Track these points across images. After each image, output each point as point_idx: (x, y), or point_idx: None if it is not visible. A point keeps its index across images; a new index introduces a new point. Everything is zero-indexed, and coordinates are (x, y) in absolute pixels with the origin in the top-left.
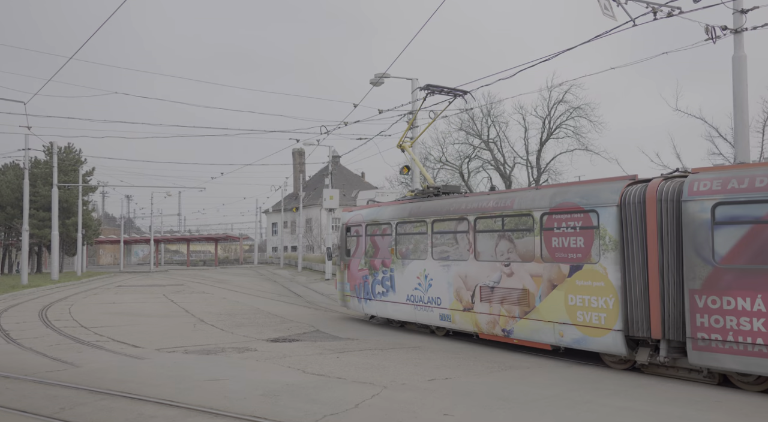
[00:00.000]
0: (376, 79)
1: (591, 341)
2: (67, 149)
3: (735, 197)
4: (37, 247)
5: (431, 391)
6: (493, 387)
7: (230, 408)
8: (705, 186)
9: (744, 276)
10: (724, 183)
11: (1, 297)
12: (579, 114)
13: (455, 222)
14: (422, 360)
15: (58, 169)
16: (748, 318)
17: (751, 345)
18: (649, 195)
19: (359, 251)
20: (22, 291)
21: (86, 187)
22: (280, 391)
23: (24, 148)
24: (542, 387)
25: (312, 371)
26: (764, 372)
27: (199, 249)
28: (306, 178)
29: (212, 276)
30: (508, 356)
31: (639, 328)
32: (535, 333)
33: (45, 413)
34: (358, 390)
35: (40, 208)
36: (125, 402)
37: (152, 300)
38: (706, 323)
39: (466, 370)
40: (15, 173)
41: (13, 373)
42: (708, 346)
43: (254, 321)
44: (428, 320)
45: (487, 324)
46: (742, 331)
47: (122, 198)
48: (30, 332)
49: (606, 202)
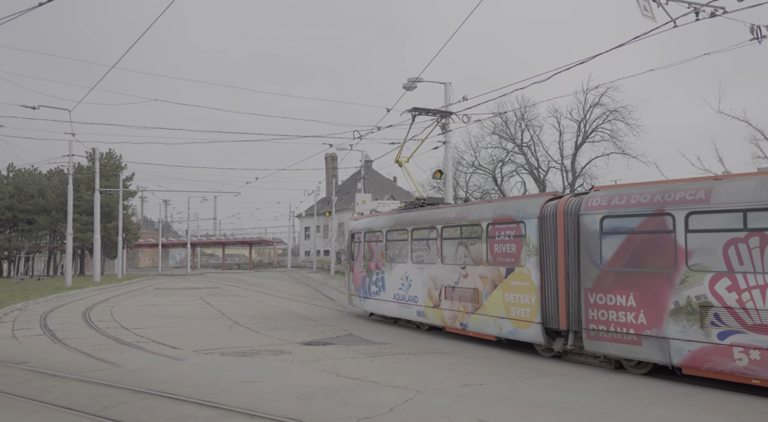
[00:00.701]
0: (409, 84)
1: (520, 332)
2: (108, 155)
3: (616, 211)
4: (80, 250)
5: (465, 397)
6: (528, 394)
7: (266, 409)
8: (596, 202)
9: (622, 277)
10: (609, 199)
11: (48, 299)
12: (616, 117)
13: (428, 230)
14: (456, 365)
15: (99, 175)
16: (624, 312)
17: (625, 334)
18: (559, 209)
19: (360, 255)
20: (67, 293)
21: (126, 192)
22: (314, 394)
23: (68, 154)
24: (578, 395)
25: (346, 374)
26: (635, 357)
27: (233, 253)
28: (338, 183)
29: (246, 280)
30: (542, 363)
31: (552, 321)
32: (483, 326)
33: (89, 411)
34: (392, 395)
35: (83, 213)
36: (165, 401)
37: (189, 303)
38: (595, 316)
39: (500, 376)
40: (59, 179)
41: (60, 372)
42: (597, 335)
43: (288, 325)
44: (409, 316)
45: (450, 318)
46: (620, 323)
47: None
48: (74, 332)
49: (530, 214)
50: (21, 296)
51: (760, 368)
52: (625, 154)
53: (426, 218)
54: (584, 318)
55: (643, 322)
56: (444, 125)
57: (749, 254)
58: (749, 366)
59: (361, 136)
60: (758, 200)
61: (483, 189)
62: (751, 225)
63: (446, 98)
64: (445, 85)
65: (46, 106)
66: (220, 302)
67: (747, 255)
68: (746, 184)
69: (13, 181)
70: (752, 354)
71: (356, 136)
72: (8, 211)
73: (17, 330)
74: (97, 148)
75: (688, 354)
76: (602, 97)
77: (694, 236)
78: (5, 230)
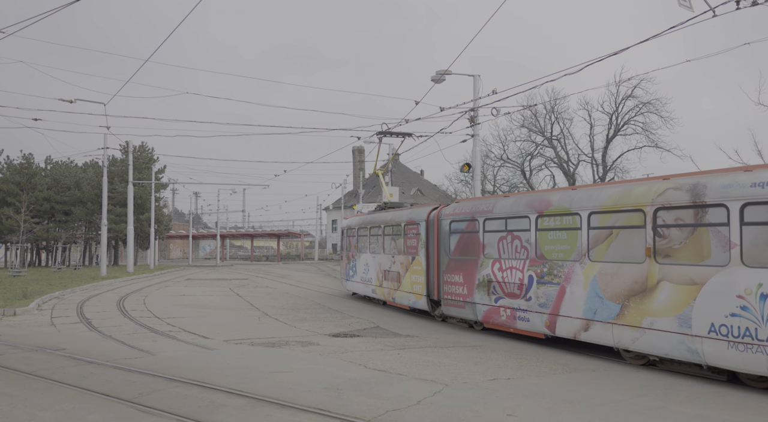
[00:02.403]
0: (437, 77)
1: (418, 303)
2: (141, 148)
3: (455, 217)
4: (114, 241)
5: (493, 391)
6: (557, 390)
7: (295, 399)
8: (449, 211)
9: (458, 262)
10: (454, 209)
11: (84, 288)
12: (649, 109)
13: (377, 228)
14: (483, 359)
15: (132, 167)
16: (457, 286)
17: (459, 301)
18: (434, 215)
19: (346, 248)
20: (101, 283)
21: (158, 184)
22: (343, 385)
23: (103, 147)
24: (609, 391)
25: (373, 366)
26: (462, 317)
27: (261, 245)
28: (365, 176)
29: (274, 272)
30: (572, 358)
31: (432, 295)
32: (402, 299)
33: (125, 397)
34: (420, 387)
35: (117, 204)
36: (197, 390)
37: (219, 294)
38: (446, 290)
39: (528, 371)
40: (94, 171)
41: (96, 359)
42: (447, 303)
43: (316, 316)
44: (367, 292)
45: (387, 294)
46: (456, 293)
47: (191, 195)
48: (109, 321)
49: (422, 219)
50: (59, 285)
51: (510, 321)
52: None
53: (377, 220)
54: (442, 292)
55: (465, 293)
56: (472, 118)
57: (509, 245)
58: (506, 320)
59: (389, 129)
60: (514, 211)
61: (511, 182)
62: (510, 227)
63: (475, 91)
64: (473, 78)
65: (82, 100)
66: (249, 293)
67: (506, 246)
68: (508, 201)
69: (51, 174)
70: (507, 312)
71: (384, 129)
72: (46, 203)
73: (55, 317)
74: (130, 141)
75: (483, 313)
76: (635, 89)
77: (487, 235)
78: (43, 221)
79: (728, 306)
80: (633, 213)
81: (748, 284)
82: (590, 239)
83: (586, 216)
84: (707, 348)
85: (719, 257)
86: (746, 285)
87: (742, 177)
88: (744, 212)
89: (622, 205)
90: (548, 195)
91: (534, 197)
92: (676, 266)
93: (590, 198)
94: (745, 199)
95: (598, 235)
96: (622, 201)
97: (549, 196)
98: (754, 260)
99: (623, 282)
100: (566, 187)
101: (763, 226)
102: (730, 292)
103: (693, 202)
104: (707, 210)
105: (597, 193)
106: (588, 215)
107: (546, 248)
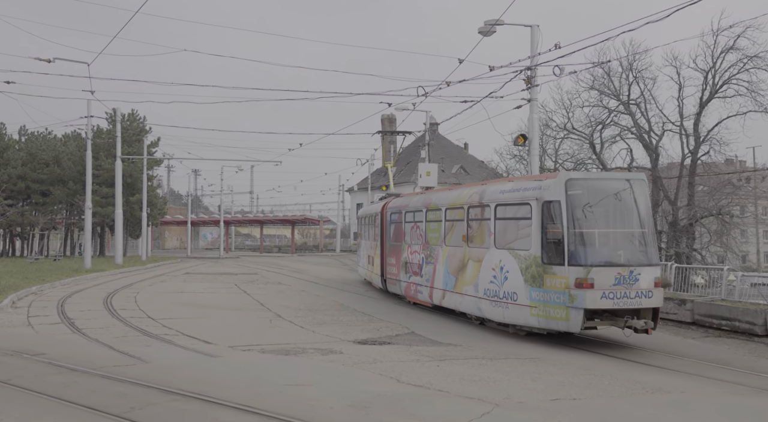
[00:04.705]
0: (486, 28)
1: (376, 281)
2: (131, 116)
3: (393, 210)
4: (100, 228)
5: (555, 413)
6: (637, 415)
7: (315, 418)
8: (392, 204)
9: (394, 247)
10: (394, 203)
11: (65, 282)
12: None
13: (368, 219)
14: (542, 374)
15: (120, 139)
16: (393, 267)
17: (394, 280)
18: (384, 206)
19: (360, 234)
20: (85, 276)
21: (151, 160)
22: (371, 402)
23: (86, 116)
24: (703, 418)
25: (408, 380)
26: (394, 291)
27: (273, 234)
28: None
29: (288, 265)
30: (653, 375)
31: (383, 273)
32: (372, 279)
33: (114, 412)
34: (465, 407)
35: (103, 184)
36: (198, 404)
37: (223, 291)
38: (388, 271)
39: (599, 390)
40: (77, 144)
41: (80, 366)
42: (390, 282)
43: (338, 319)
44: (363, 275)
45: (368, 275)
46: (393, 273)
47: (189, 172)
48: (95, 322)
49: (379, 210)
50: (36, 279)
51: (415, 294)
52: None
53: (368, 211)
54: (386, 272)
55: (397, 272)
56: (529, 79)
57: (415, 234)
58: (414, 293)
59: (426, 93)
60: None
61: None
62: (416, 219)
63: (532, 45)
64: (531, 29)
65: (62, 59)
66: (258, 291)
67: (414, 234)
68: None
69: (25, 147)
70: (413, 287)
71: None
72: (21, 181)
73: (32, 316)
74: (118, 109)
75: (405, 288)
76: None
77: (407, 225)
78: (18, 202)
79: (489, 276)
80: (459, 210)
81: (496, 260)
82: (445, 229)
83: (444, 211)
84: (483, 305)
85: (487, 242)
86: (496, 261)
87: (499, 186)
88: (497, 210)
89: (456, 204)
90: (432, 194)
91: (426, 196)
92: (474, 248)
93: (447, 197)
94: (497, 202)
95: (449, 226)
96: (456, 200)
97: (432, 196)
98: (500, 244)
99: (457, 261)
100: (448, 187)
101: (505, 221)
102: (490, 266)
103: (480, 202)
104: (484, 208)
105: (450, 193)
106: (445, 210)
107: (429, 236)
